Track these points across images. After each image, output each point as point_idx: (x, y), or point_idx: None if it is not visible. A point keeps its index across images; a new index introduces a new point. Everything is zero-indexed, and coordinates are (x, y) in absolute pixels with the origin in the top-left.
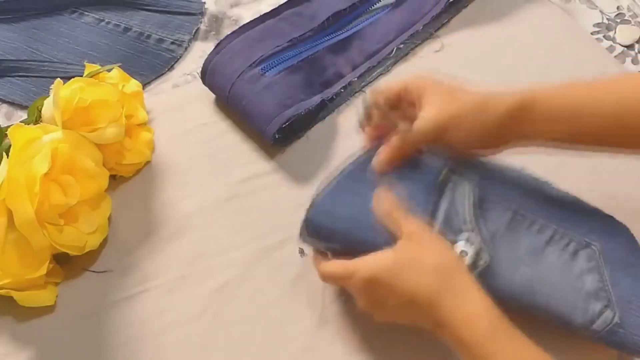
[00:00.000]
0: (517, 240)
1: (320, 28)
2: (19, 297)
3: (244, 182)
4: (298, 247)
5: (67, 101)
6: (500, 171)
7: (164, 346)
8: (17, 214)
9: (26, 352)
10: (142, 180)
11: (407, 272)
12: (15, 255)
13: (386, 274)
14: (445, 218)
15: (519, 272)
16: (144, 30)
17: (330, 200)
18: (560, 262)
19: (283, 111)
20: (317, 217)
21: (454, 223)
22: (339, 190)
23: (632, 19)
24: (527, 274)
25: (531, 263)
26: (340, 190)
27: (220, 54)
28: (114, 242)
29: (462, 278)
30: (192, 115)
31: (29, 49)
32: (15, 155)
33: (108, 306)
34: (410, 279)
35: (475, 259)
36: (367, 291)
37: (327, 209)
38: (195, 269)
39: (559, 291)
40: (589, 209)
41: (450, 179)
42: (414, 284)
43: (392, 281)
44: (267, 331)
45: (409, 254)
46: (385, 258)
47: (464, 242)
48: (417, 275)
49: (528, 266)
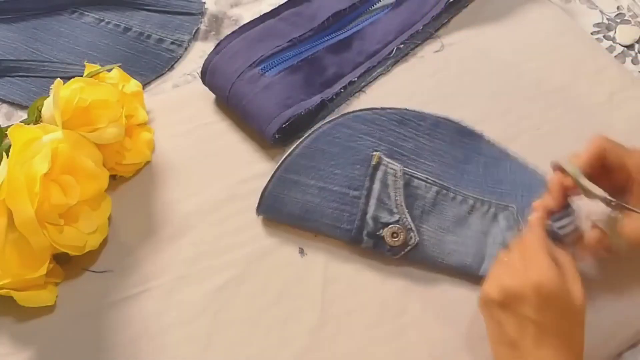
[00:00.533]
0: (443, 212)
1: (320, 28)
2: (19, 297)
3: (244, 182)
4: (298, 247)
5: (67, 101)
6: (428, 143)
7: (164, 346)
8: (17, 214)
9: (26, 352)
10: (142, 180)
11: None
12: (15, 255)
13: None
14: (378, 202)
15: (445, 240)
16: (144, 30)
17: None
18: (482, 226)
19: (283, 111)
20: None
21: (387, 205)
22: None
23: (632, 19)
24: (454, 241)
25: (457, 231)
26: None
27: (220, 54)
28: (114, 242)
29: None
30: (192, 115)
31: (29, 49)
32: (15, 155)
33: (108, 306)
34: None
35: (405, 240)
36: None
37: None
38: (195, 269)
39: (481, 252)
40: (512, 167)
41: (382, 162)
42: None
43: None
44: (267, 331)
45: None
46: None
47: (396, 225)
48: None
49: (454, 234)
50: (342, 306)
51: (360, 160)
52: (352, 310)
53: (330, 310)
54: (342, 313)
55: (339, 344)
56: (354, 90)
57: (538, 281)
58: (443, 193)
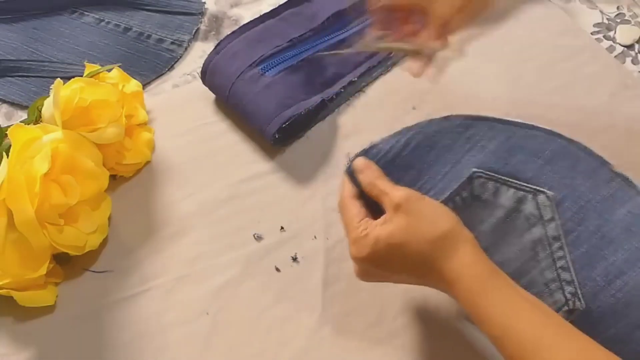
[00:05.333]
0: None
1: (320, 28)
2: (19, 297)
3: (244, 182)
4: (294, 252)
5: (67, 101)
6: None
7: (164, 346)
8: (17, 214)
9: (26, 352)
10: (142, 180)
11: (403, 248)
12: (15, 255)
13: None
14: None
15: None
16: (144, 30)
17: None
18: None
19: (283, 111)
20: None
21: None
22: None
23: (632, 19)
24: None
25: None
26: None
27: (220, 54)
28: (114, 242)
29: (455, 238)
30: (192, 115)
31: (29, 49)
32: (15, 155)
33: (108, 306)
34: (408, 250)
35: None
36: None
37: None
38: (195, 269)
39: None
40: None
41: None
42: (411, 256)
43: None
44: (267, 331)
45: (402, 228)
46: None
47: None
48: (412, 249)
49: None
50: (342, 306)
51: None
52: (352, 310)
53: (330, 310)
54: (342, 313)
55: (339, 344)
56: (354, 90)
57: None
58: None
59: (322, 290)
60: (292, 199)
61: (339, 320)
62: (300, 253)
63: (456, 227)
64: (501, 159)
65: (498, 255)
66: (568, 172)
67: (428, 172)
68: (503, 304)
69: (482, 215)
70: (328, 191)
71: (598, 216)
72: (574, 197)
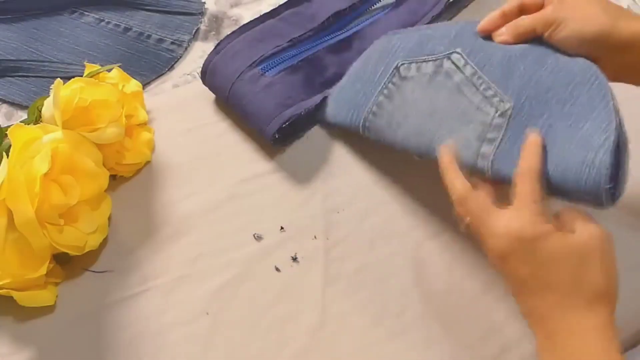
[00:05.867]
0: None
1: (320, 28)
2: (19, 297)
3: (244, 182)
4: (294, 252)
5: (67, 101)
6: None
7: (164, 346)
8: (17, 214)
9: (26, 352)
10: (142, 180)
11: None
12: (15, 255)
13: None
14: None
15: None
16: (144, 30)
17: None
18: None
19: (283, 111)
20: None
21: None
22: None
23: None
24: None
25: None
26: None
27: (220, 54)
28: (114, 242)
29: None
30: (192, 115)
31: (29, 49)
32: (15, 155)
33: (108, 306)
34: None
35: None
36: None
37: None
38: (195, 269)
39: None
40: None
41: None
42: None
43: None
44: (267, 331)
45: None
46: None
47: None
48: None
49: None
50: (342, 306)
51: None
52: (352, 310)
53: (330, 310)
54: (342, 313)
55: (339, 344)
56: None
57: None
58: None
59: (322, 290)
60: (292, 199)
61: (339, 320)
62: (300, 253)
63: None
64: (418, 48)
65: (438, 114)
66: (476, 38)
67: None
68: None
69: (412, 88)
70: (328, 191)
71: (502, 47)
72: (479, 46)
